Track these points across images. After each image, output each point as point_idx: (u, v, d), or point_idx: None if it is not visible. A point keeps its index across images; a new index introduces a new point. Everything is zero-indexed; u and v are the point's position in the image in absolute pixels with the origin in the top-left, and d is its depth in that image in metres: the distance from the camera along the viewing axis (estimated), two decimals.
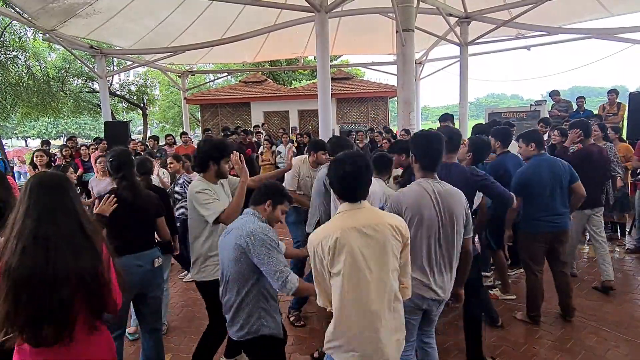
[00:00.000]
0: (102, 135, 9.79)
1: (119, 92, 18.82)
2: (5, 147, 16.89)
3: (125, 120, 15.57)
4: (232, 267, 2.11)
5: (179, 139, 10.38)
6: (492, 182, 2.82)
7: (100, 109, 13.04)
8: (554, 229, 3.37)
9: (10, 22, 11.79)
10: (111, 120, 10.95)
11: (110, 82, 15.88)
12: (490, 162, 3.98)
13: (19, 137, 38.72)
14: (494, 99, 77.18)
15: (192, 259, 2.71)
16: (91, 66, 11.05)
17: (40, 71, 14.24)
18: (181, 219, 4.45)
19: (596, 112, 7.90)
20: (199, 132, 19.41)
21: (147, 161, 3.55)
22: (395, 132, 8.60)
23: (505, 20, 8.60)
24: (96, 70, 10.74)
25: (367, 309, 1.71)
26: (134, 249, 2.56)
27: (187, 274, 4.76)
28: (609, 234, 5.71)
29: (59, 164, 6.37)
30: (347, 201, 1.80)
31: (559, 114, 8.14)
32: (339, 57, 22.35)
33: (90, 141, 12.14)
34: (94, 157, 7.19)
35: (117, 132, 9.55)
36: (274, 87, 15.88)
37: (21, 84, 13.12)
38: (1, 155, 12.78)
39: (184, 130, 14.40)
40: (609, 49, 12.14)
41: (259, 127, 11.98)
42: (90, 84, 17.58)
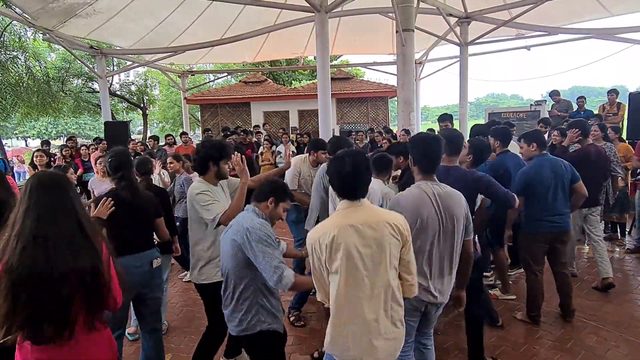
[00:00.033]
0: (102, 135, 9.80)
1: (119, 92, 18.82)
2: (5, 147, 16.88)
3: (125, 120, 15.57)
4: (230, 263, 2.12)
5: (179, 139, 10.38)
6: (492, 184, 2.78)
7: (100, 109, 13.05)
8: (556, 229, 3.38)
9: (10, 22, 11.79)
10: (111, 120, 10.95)
11: (110, 82, 15.88)
12: (490, 161, 3.96)
13: (19, 137, 38.73)
14: (494, 99, 77.16)
15: (192, 261, 2.71)
16: (91, 66, 11.05)
17: (40, 71, 14.24)
18: (181, 219, 4.45)
19: (596, 112, 7.89)
20: (199, 132, 19.42)
21: (147, 161, 3.54)
22: (395, 132, 8.60)
23: (505, 20, 8.60)
24: (96, 70, 10.74)
25: (363, 306, 1.72)
26: (133, 249, 2.56)
27: (187, 273, 4.76)
28: (609, 234, 5.73)
29: (59, 164, 6.37)
30: (346, 199, 1.81)
31: (559, 114, 8.14)
32: (339, 57, 22.36)
33: (90, 141, 12.14)
34: (93, 158, 7.20)
35: (117, 132, 9.55)
36: (274, 87, 15.87)
37: (21, 84, 13.12)
38: (1, 155, 12.78)
39: (184, 130, 14.41)
40: (609, 49, 12.16)
41: (259, 127, 11.97)
42: (90, 84, 17.58)
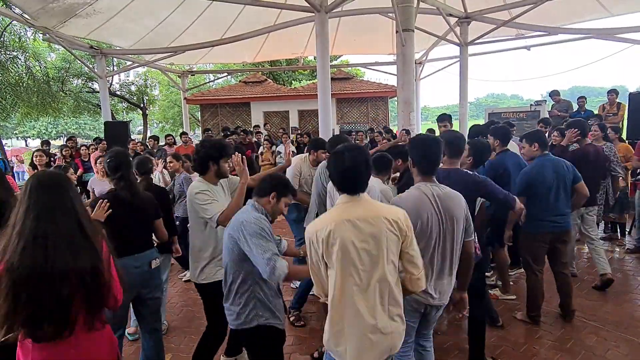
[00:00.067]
0: (102, 135, 9.80)
1: (118, 92, 18.83)
2: (5, 147, 16.88)
3: (125, 120, 15.57)
4: (228, 257, 2.14)
5: (178, 139, 10.39)
6: (492, 187, 2.74)
7: (100, 109, 13.05)
8: (557, 229, 3.37)
9: (10, 22, 11.79)
10: (111, 120, 10.95)
11: (110, 82, 15.89)
12: (489, 160, 3.95)
13: (19, 137, 38.75)
14: (494, 99, 77.20)
15: (191, 261, 2.71)
16: (91, 66, 11.05)
17: (40, 71, 14.24)
18: (180, 218, 4.45)
19: (596, 112, 7.89)
20: (199, 132, 19.41)
21: (147, 161, 3.52)
22: (395, 132, 8.60)
23: (505, 20, 8.59)
24: (96, 70, 10.74)
25: (359, 301, 1.72)
26: (132, 249, 2.55)
27: (187, 273, 4.76)
28: (609, 234, 5.73)
29: (59, 164, 6.37)
30: (346, 193, 1.81)
31: (559, 114, 8.14)
32: (339, 57, 22.36)
33: (90, 141, 12.14)
34: (93, 158, 7.21)
35: (117, 132, 9.55)
36: (274, 87, 15.88)
37: (21, 84, 13.13)
38: (1, 155, 12.79)
39: (184, 130, 14.40)
40: (609, 49, 12.14)
41: (259, 127, 11.98)
42: (90, 84, 17.59)
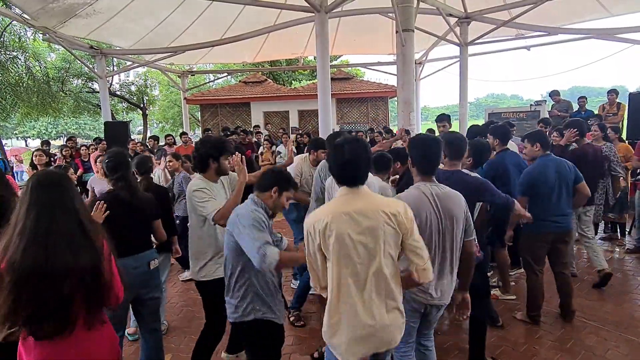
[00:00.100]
0: (102, 135, 9.80)
1: (118, 92, 18.83)
2: (4, 147, 16.88)
3: (125, 120, 15.57)
4: (227, 250, 2.15)
5: (178, 139, 10.39)
6: (493, 190, 2.70)
7: (100, 109, 13.06)
8: (559, 230, 3.37)
9: (10, 23, 11.79)
10: (111, 120, 10.95)
11: (110, 82, 15.89)
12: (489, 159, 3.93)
13: (19, 137, 38.76)
14: (494, 99, 77.25)
15: (191, 258, 2.70)
16: (91, 66, 11.05)
17: (40, 71, 14.24)
18: (180, 217, 4.45)
19: (596, 112, 7.90)
20: (199, 132, 19.42)
21: (147, 160, 3.50)
22: (395, 132, 8.61)
23: (505, 20, 8.59)
24: (96, 70, 10.74)
25: (356, 293, 1.73)
26: (131, 250, 2.54)
27: (186, 273, 4.76)
28: (609, 234, 5.73)
29: (59, 164, 6.37)
30: (345, 185, 1.81)
31: (559, 114, 8.14)
32: (339, 57, 22.37)
33: (90, 141, 12.14)
34: (93, 157, 7.21)
35: (117, 132, 9.56)
36: (274, 87, 15.88)
37: (21, 84, 13.13)
38: (1, 155, 12.78)
39: (184, 130, 14.41)
40: (609, 49, 12.09)
41: (259, 127, 11.99)
42: (90, 84, 17.60)
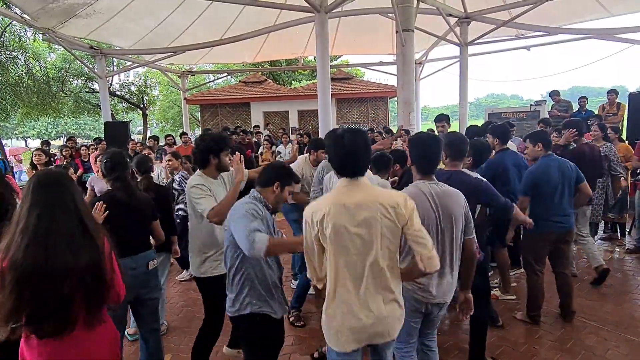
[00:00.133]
0: (102, 135, 9.80)
1: (118, 93, 18.82)
2: (5, 147, 16.87)
3: (125, 120, 15.58)
4: (226, 245, 2.16)
5: (178, 139, 10.39)
6: (493, 193, 2.68)
7: (100, 109, 13.06)
8: (561, 230, 3.37)
9: (10, 23, 11.79)
10: (111, 120, 10.96)
11: (110, 82, 15.88)
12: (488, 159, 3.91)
13: (19, 138, 38.75)
14: (494, 99, 77.28)
15: (191, 254, 2.70)
16: (91, 66, 11.06)
17: (40, 71, 14.23)
18: (181, 216, 4.45)
19: (596, 112, 7.90)
20: (199, 132, 19.42)
21: (147, 159, 3.51)
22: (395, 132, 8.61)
23: (505, 20, 8.60)
24: (96, 70, 10.75)
25: (353, 285, 1.74)
26: (129, 251, 2.52)
27: (184, 274, 4.77)
28: (609, 234, 5.73)
29: (59, 164, 6.37)
30: (345, 176, 1.80)
31: (559, 114, 8.13)
32: (339, 57, 22.38)
33: (90, 141, 12.14)
34: (93, 157, 7.21)
35: (117, 132, 9.56)
36: (273, 88, 15.89)
37: (21, 85, 13.12)
38: (1, 155, 12.78)
39: (184, 130, 14.41)
40: (608, 49, 12.14)
41: (259, 127, 11.99)
42: (90, 84, 17.60)
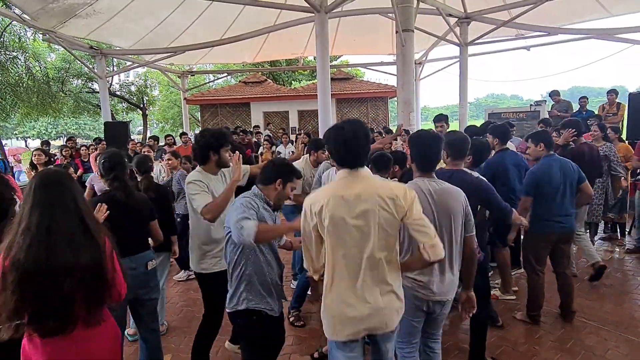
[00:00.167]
0: (102, 135, 9.80)
1: (118, 93, 18.82)
2: (5, 147, 16.87)
3: (125, 120, 15.57)
4: (225, 240, 2.16)
5: (178, 140, 10.39)
6: (493, 195, 2.66)
7: (100, 109, 13.06)
8: (563, 230, 3.36)
9: (10, 23, 11.78)
10: (111, 120, 10.95)
11: (110, 82, 15.88)
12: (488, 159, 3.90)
13: (19, 138, 38.74)
14: (494, 99, 77.26)
15: (192, 251, 2.70)
16: (91, 66, 11.06)
17: (40, 71, 14.22)
18: (181, 215, 4.44)
19: (596, 112, 7.90)
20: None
21: (147, 159, 3.50)
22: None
23: (505, 20, 8.60)
24: (96, 70, 10.75)
25: (350, 275, 1.75)
26: (128, 251, 2.49)
27: (181, 274, 4.77)
28: (609, 234, 5.73)
29: (59, 163, 6.36)
30: (345, 167, 1.81)
31: (559, 114, 8.13)
32: (339, 57, 22.38)
33: (90, 141, 12.13)
34: (93, 157, 7.20)
35: (116, 132, 9.56)
36: (273, 88, 15.89)
37: (21, 85, 13.11)
38: (1, 155, 12.77)
39: (184, 130, 14.41)
40: (608, 49, 12.13)
41: (258, 127, 12.00)
42: (90, 85, 17.59)
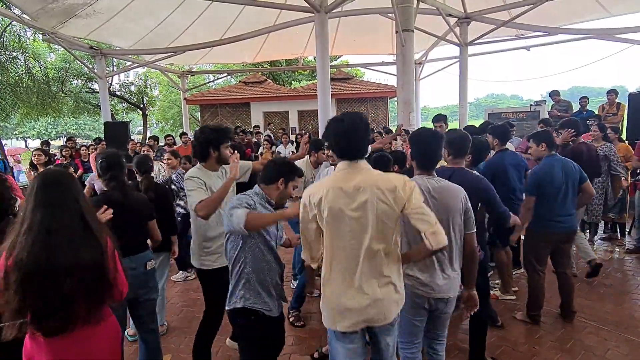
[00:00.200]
0: (102, 135, 9.79)
1: (118, 93, 18.81)
2: (4, 147, 16.87)
3: (125, 120, 15.56)
4: (226, 237, 2.17)
5: (178, 140, 10.38)
6: (494, 197, 2.66)
7: (100, 109, 13.04)
8: (564, 230, 3.36)
9: (10, 23, 11.77)
10: (111, 120, 10.94)
11: (110, 82, 15.87)
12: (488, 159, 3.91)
13: (19, 138, 38.72)
14: (494, 99, 77.18)
15: (193, 247, 2.71)
16: (91, 66, 11.06)
17: (40, 72, 14.20)
18: (181, 214, 4.44)
19: (596, 112, 7.91)
20: None
21: (147, 159, 3.50)
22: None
23: (505, 20, 8.60)
24: (96, 70, 10.75)
25: (348, 267, 1.76)
26: (127, 251, 2.46)
27: (179, 274, 4.77)
28: (609, 234, 5.73)
29: (59, 163, 6.36)
30: (345, 159, 1.81)
31: (559, 114, 8.13)
32: (339, 57, 22.38)
33: (90, 141, 12.12)
34: (93, 157, 7.20)
35: (116, 132, 9.55)
36: (273, 88, 15.89)
37: (21, 85, 13.10)
38: (1, 155, 12.77)
39: (184, 130, 14.40)
40: (608, 49, 12.08)
41: (258, 127, 12.01)
42: (90, 85, 17.58)
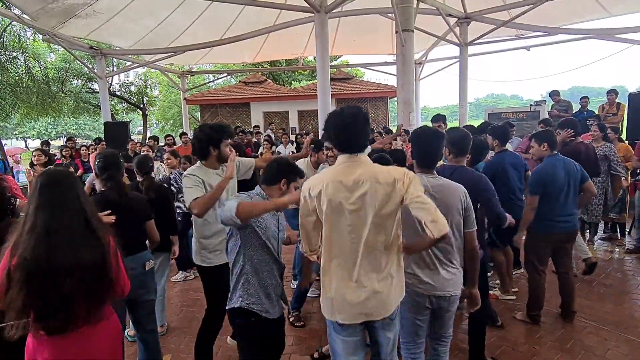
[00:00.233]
0: (102, 135, 9.80)
1: (118, 93, 18.81)
2: (4, 147, 16.87)
3: (125, 120, 15.56)
4: (227, 236, 2.18)
5: (178, 140, 10.38)
6: (493, 198, 2.65)
7: (100, 109, 13.05)
8: (566, 230, 3.36)
9: (10, 23, 11.78)
10: (111, 120, 10.94)
11: (109, 82, 15.87)
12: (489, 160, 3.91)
13: (19, 138, 38.71)
14: (494, 99, 77.15)
15: (194, 244, 2.71)
16: (91, 66, 11.06)
17: (39, 72, 14.21)
18: (181, 214, 4.44)
19: (596, 112, 7.91)
20: None
21: (148, 159, 3.50)
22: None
23: (505, 20, 8.60)
24: (96, 70, 10.75)
25: (347, 259, 1.77)
26: (126, 251, 2.50)
27: (179, 275, 4.78)
28: (609, 234, 5.73)
29: (59, 163, 6.36)
30: (345, 152, 1.82)
31: (559, 114, 8.13)
32: (339, 57, 22.38)
33: (90, 142, 12.12)
34: (93, 157, 7.20)
35: (116, 132, 9.55)
36: (273, 88, 15.90)
37: (21, 85, 13.11)
38: (1, 155, 12.77)
39: (184, 130, 14.40)
40: (608, 49, 12.10)
41: (258, 127, 12.01)
42: (89, 85, 17.58)
